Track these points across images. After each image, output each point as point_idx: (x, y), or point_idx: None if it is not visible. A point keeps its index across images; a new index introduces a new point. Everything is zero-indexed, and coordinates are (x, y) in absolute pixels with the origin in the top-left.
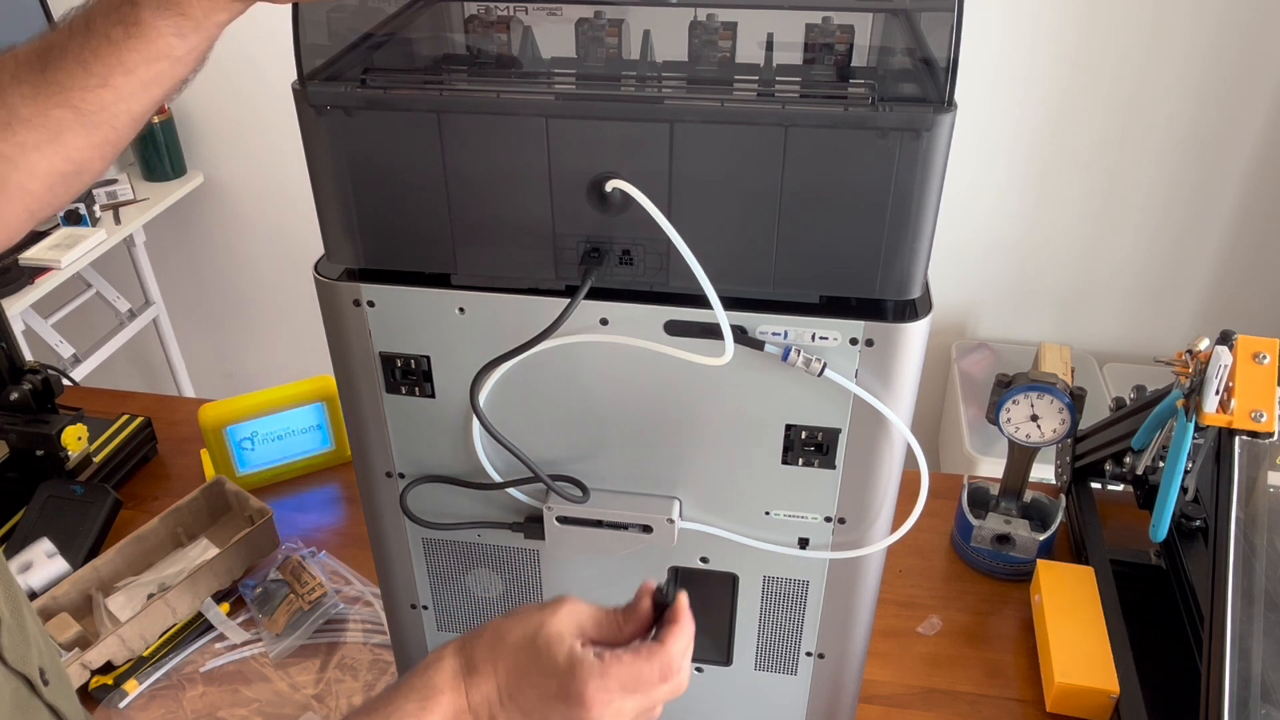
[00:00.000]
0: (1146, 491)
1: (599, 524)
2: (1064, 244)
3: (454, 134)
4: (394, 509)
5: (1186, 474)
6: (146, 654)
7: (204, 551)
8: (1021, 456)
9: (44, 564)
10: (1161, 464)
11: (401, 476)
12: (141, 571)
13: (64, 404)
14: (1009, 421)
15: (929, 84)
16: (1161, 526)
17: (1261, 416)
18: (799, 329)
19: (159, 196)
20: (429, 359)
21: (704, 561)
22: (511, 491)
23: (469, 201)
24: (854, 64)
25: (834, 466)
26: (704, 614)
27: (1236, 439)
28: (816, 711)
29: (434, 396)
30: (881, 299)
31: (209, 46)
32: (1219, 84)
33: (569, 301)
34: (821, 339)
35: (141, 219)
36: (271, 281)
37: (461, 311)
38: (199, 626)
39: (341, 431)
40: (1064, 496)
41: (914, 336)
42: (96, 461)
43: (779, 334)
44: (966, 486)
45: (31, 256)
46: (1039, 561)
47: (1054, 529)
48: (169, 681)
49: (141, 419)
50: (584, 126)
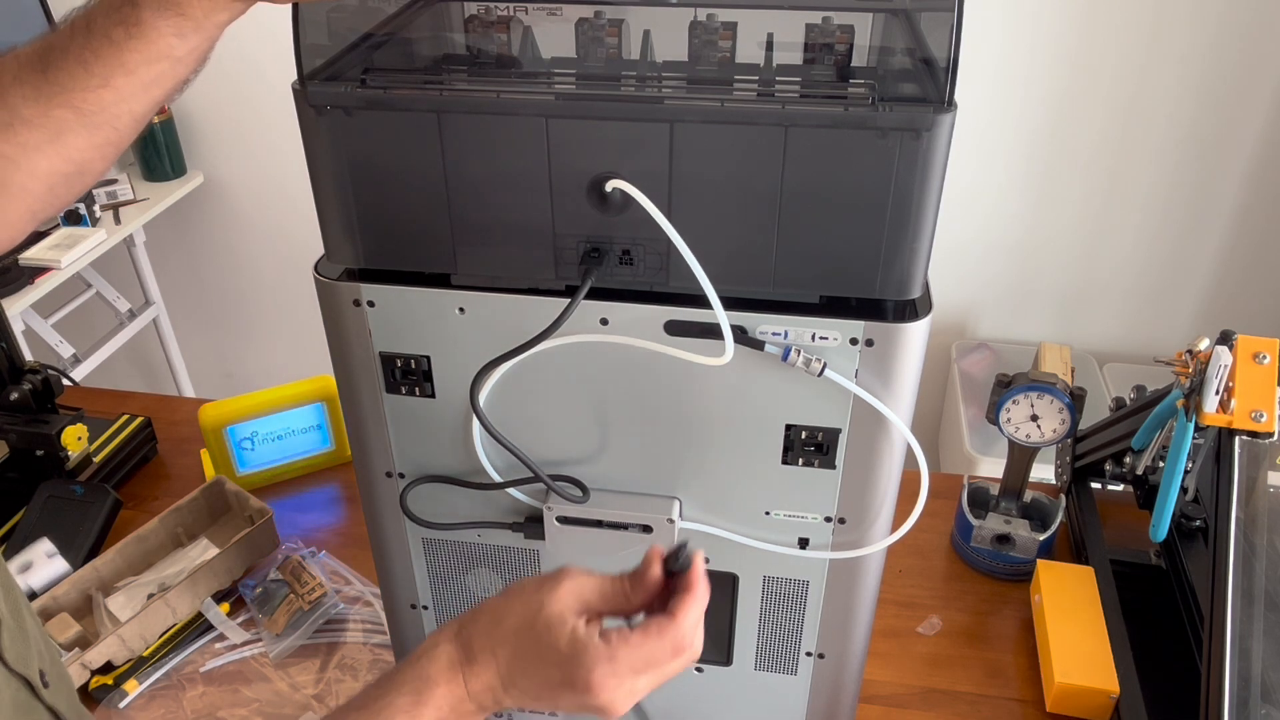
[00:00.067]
0: (1146, 491)
1: (599, 524)
2: (1064, 244)
3: (454, 134)
4: (394, 509)
5: (1186, 474)
6: (146, 654)
7: (204, 551)
8: (1021, 456)
9: (44, 564)
10: (1161, 464)
11: (401, 476)
12: (141, 571)
13: (64, 404)
14: (1009, 421)
15: (929, 84)
16: (1161, 526)
17: (1261, 416)
18: (799, 329)
19: (159, 196)
20: (429, 359)
21: (704, 561)
22: (511, 491)
23: (469, 201)
24: (854, 64)
25: (834, 466)
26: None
27: (1236, 439)
28: (816, 711)
29: (434, 396)
30: (881, 299)
31: (210, 47)
32: (1219, 84)
33: (569, 301)
34: (821, 339)
35: (141, 219)
36: (271, 281)
37: (461, 311)
38: (199, 626)
39: (341, 431)
40: (1064, 496)
41: (914, 336)
42: (96, 461)
43: (779, 334)
44: (966, 486)
45: (31, 256)
46: (1039, 561)
47: (1054, 529)
48: (169, 681)
49: (141, 419)
50: (584, 126)
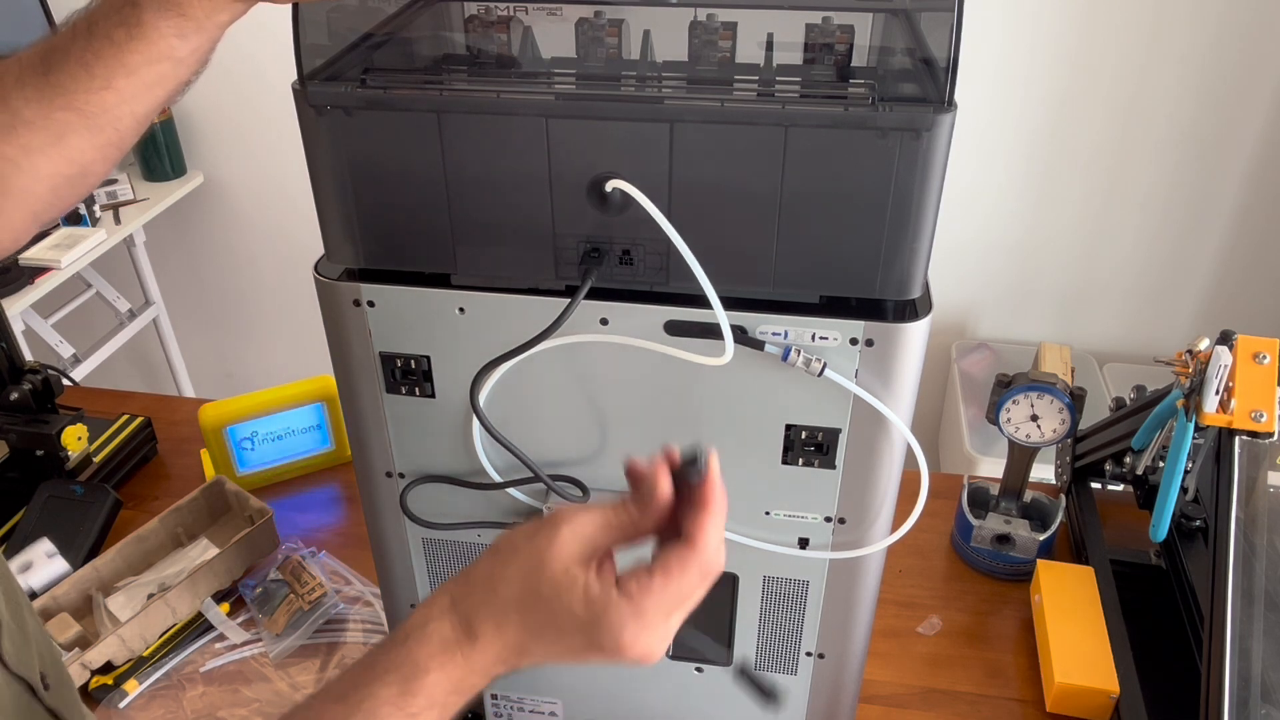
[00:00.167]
0: (1146, 491)
1: None
2: (1064, 244)
3: (454, 134)
4: (394, 509)
5: (1186, 474)
6: (146, 654)
7: (204, 551)
8: (1021, 456)
9: (44, 564)
10: (1161, 464)
11: (401, 476)
12: (141, 571)
13: (64, 404)
14: (1009, 421)
15: (929, 84)
16: (1161, 526)
17: (1261, 416)
18: (799, 329)
19: (159, 196)
20: (429, 359)
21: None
22: (511, 491)
23: (469, 201)
24: (854, 64)
25: (834, 466)
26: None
27: (1236, 439)
28: (816, 711)
29: (434, 396)
30: (881, 299)
31: (211, 47)
32: (1219, 84)
33: (569, 301)
34: (821, 339)
35: (141, 219)
36: (271, 281)
37: (461, 311)
38: (199, 626)
39: (341, 431)
40: (1064, 496)
41: (914, 336)
42: (96, 461)
43: (779, 334)
44: (966, 486)
45: (31, 256)
46: (1039, 561)
47: (1054, 529)
48: (169, 681)
49: (141, 419)
50: (584, 126)
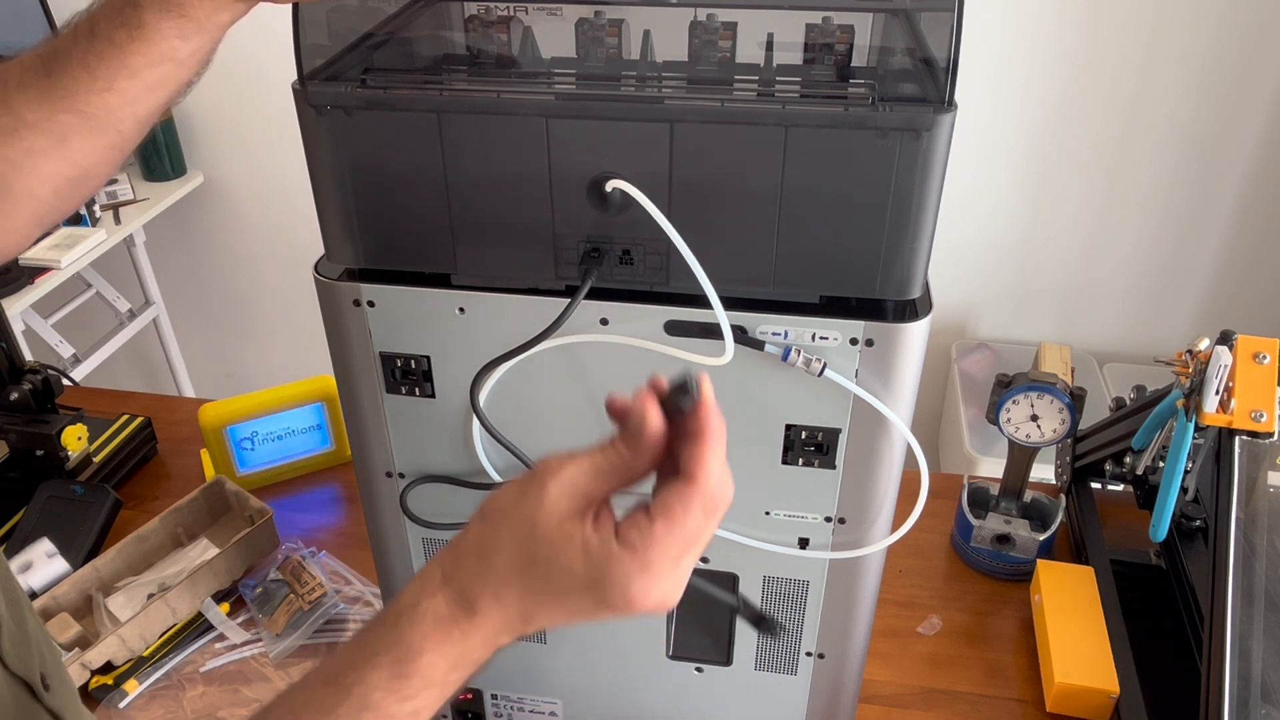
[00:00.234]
0: (1146, 491)
1: None
2: (1064, 244)
3: (454, 134)
4: (394, 509)
5: (1186, 474)
6: (146, 654)
7: (204, 551)
8: (1021, 456)
9: (44, 564)
10: (1161, 464)
11: (401, 476)
12: (141, 571)
13: (64, 404)
14: (1009, 421)
15: (929, 84)
16: (1161, 526)
17: (1261, 416)
18: (799, 329)
19: (159, 196)
20: (429, 359)
21: (704, 561)
22: None
23: (469, 201)
24: (854, 64)
25: (834, 466)
26: (704, 614)
27: (1236, 439)
28: (816, 711)
29: (434, 396)
30: (881, 299)
31: (212, 48)
32: (1219, 84)
33: (569, 301)
34: (821, 339)
35: (141, 219)
36: (271, 281)
37: (461, 311)
38: (199, 626)
39: (341, 431)
40: (1064, 496)
41: (914, 336)
42: (96, 461)
43: (779, 334)
44: (966, 486)
45: (31, 256)
46: (1039, 561)
47: (1054, 529)
48: (169, 681)
49: (141, 419)
50: (584, 126)
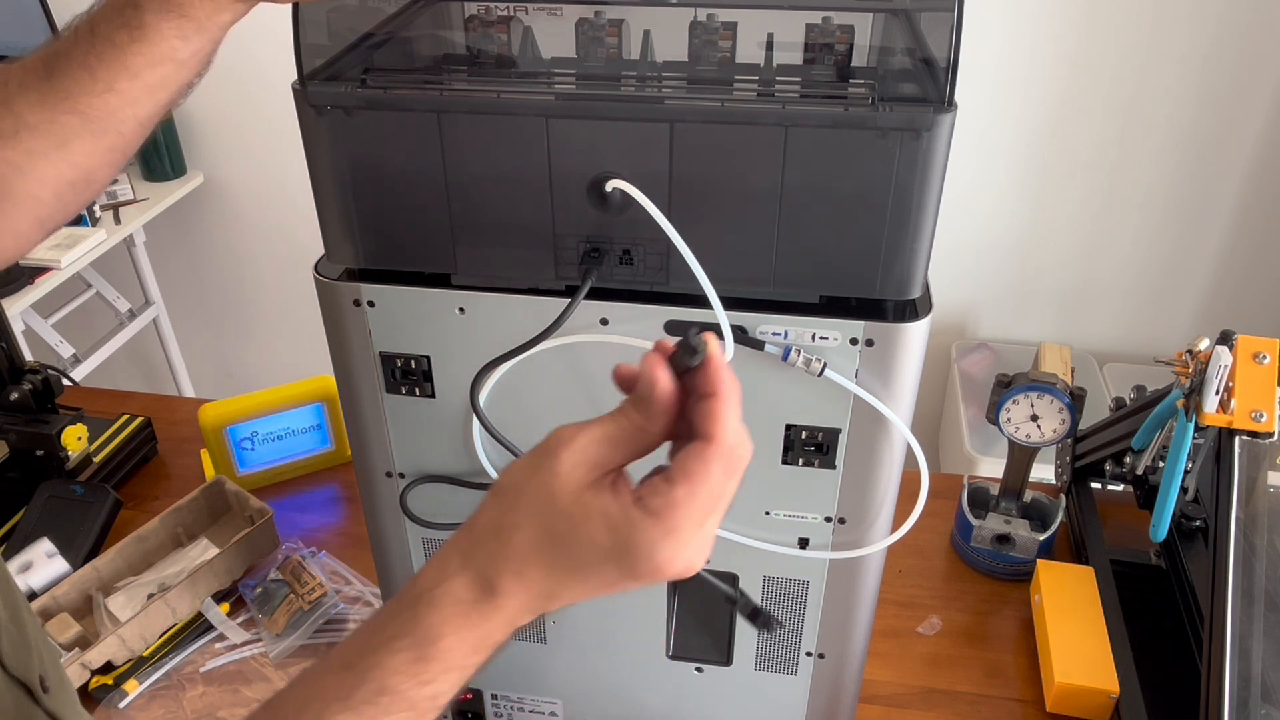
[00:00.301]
0: (1146, 491)
1: None
2: (1064, 244)
3: (454, 134)
4: (394, 509)
5: (1186, 474)
6: (146, 654)
7: (204, 551)
8: (1021, 456)
9: (44, 564)
10: (1161, 464)
11: (401, 476)
12: (141, 571)
13: (64, 404)
14: (1009, 421)
15: (929, 84)
16: (1161, 526)
17: (1261, 416)
18: (799, 329)
19: (159, 196)
20: (429, 359)
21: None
22: None
23: (469, 201)
24: (854, 64)
25: (834, 466)
26: (704, 614)
27: (1236, 439)
28: (816, 711)
29: (434, 396)
30: (881, 299)
31: (213, 49)
32: (1219, 84)
33: (569, 301)
34: (821, 339)
35: (141, 219)
36: (271, 281)
37: (461, 311)
38: (199, 626)
39: (341, 431)
40: (1064, 496)
41: (914, 336)
42: (96, 461)
43: (779, 334)
44: (966, 486)
45: (31, 256)
46: (1039, 561)
47: (1054, 529)
48: (169, 681)
49: (141, 419)
50: (584, 126)
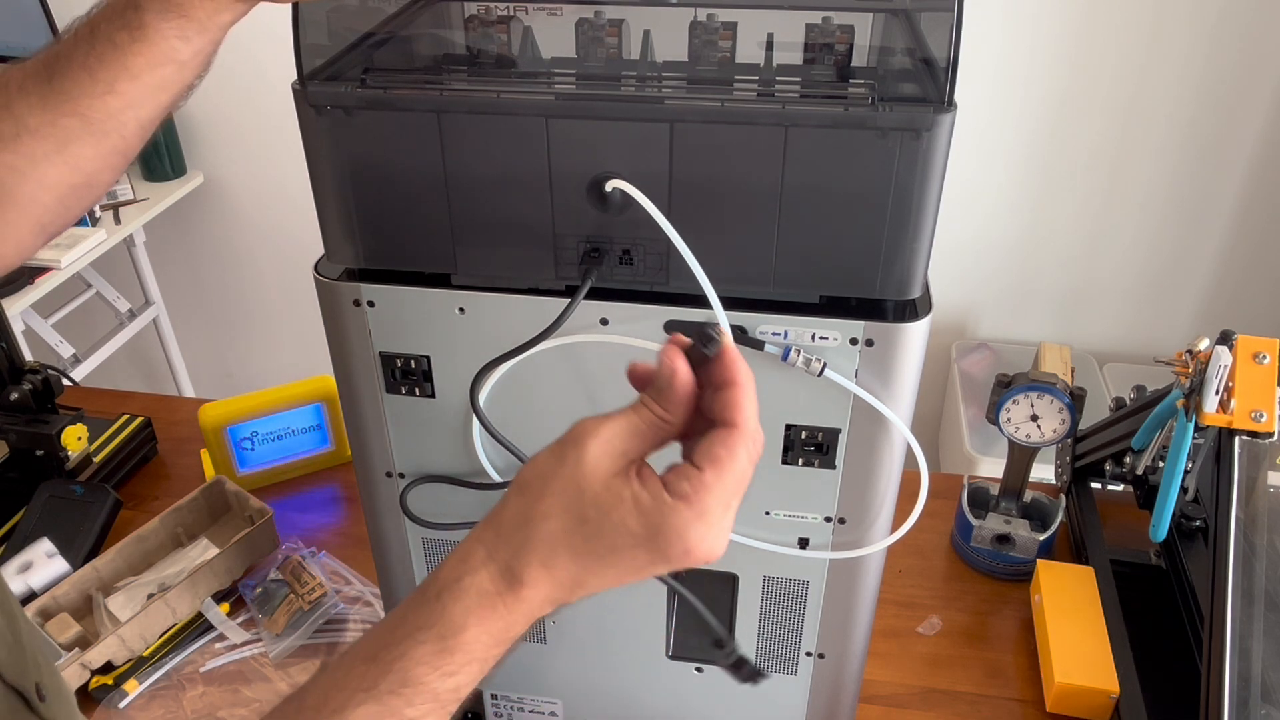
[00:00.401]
0: (1146, 491)
1: None
2: (1064, 244)
3: (454, 134)
4: (394, 509)
5: (1186, 474)
6: (146, 654)
7: (204, 551)
8: (1021, 456)
9: (44, 564)
10: (1161, 464)
11: (401, 476)
12: (141, 571)
13: (64, 404)
14: (1009, 421)
15: (929, 84)
16: (1161, 526)
17: (1261, 416)
18: (799, 329)
19: (159, 196)
20: (429, 359)
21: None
22: None
23: (469, 201)
24: (854, 64)
25: (834, 466)
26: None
27: (1236, 439)
28: (816, 711)
29: (434, 396)
30: (881, 299)
31: (214, 49)
32: (1219, 84)
33: (569, 301)
34: (821, 339)
35: (141, 219)
36: (271, 281)
37: (461, 311)
38: (199, 626)
39: (341, 431)
40: (1064, 496)
41: (914, 336)
42: (96, 461)
43: (779, 334)
44: (966, 486)
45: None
46: (1039, 561)
47: (1054, 529)
48: (169, 681)
49: (141, 419)
50: (584, 126)
